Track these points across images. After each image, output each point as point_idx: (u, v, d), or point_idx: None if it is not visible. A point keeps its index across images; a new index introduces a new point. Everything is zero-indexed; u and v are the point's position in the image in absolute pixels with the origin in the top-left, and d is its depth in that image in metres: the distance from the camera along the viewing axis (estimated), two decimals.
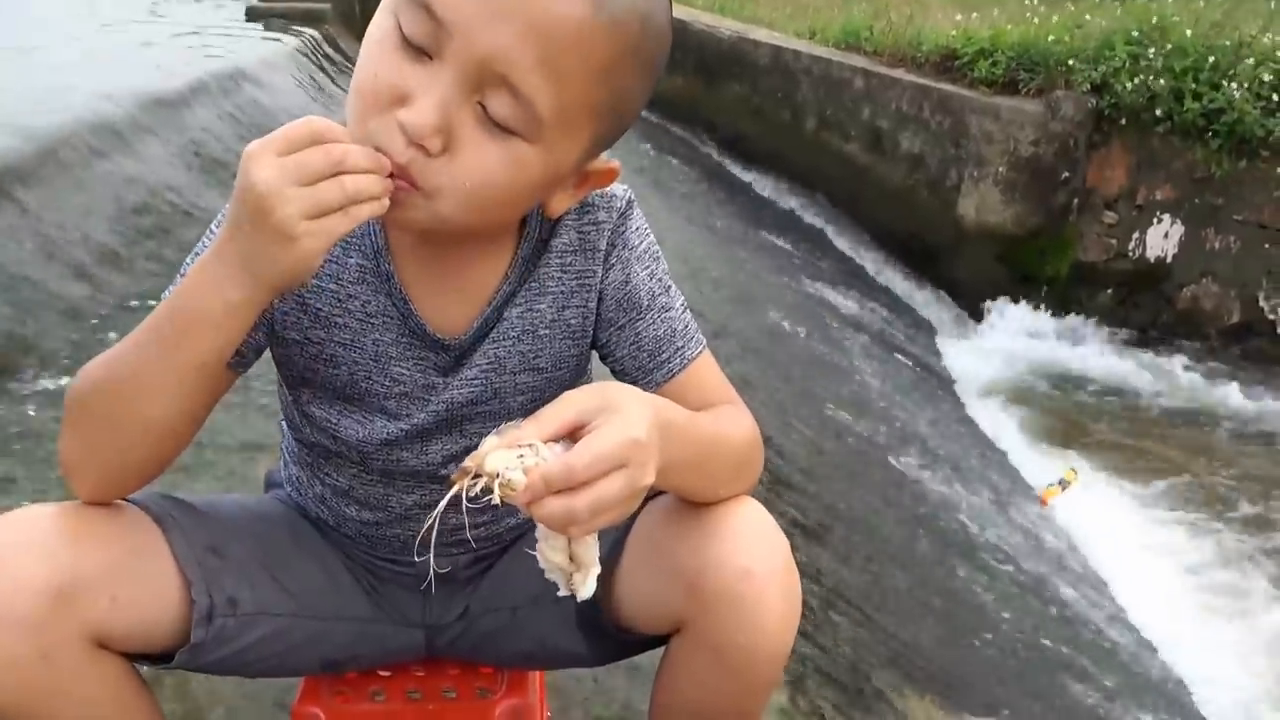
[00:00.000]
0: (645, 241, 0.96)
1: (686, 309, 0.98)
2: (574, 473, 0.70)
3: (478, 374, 0.93)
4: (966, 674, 2.22)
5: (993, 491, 3.88)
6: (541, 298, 0.93)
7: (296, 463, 1.04)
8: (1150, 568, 3.82)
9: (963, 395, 5.38)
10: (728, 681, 0.87)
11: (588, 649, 1.00)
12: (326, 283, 0.91)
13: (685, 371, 0.95)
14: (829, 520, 2.53)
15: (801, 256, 6.42)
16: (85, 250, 3.13)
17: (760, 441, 0.95)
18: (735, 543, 0.85)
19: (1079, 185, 6.30)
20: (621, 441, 0.72)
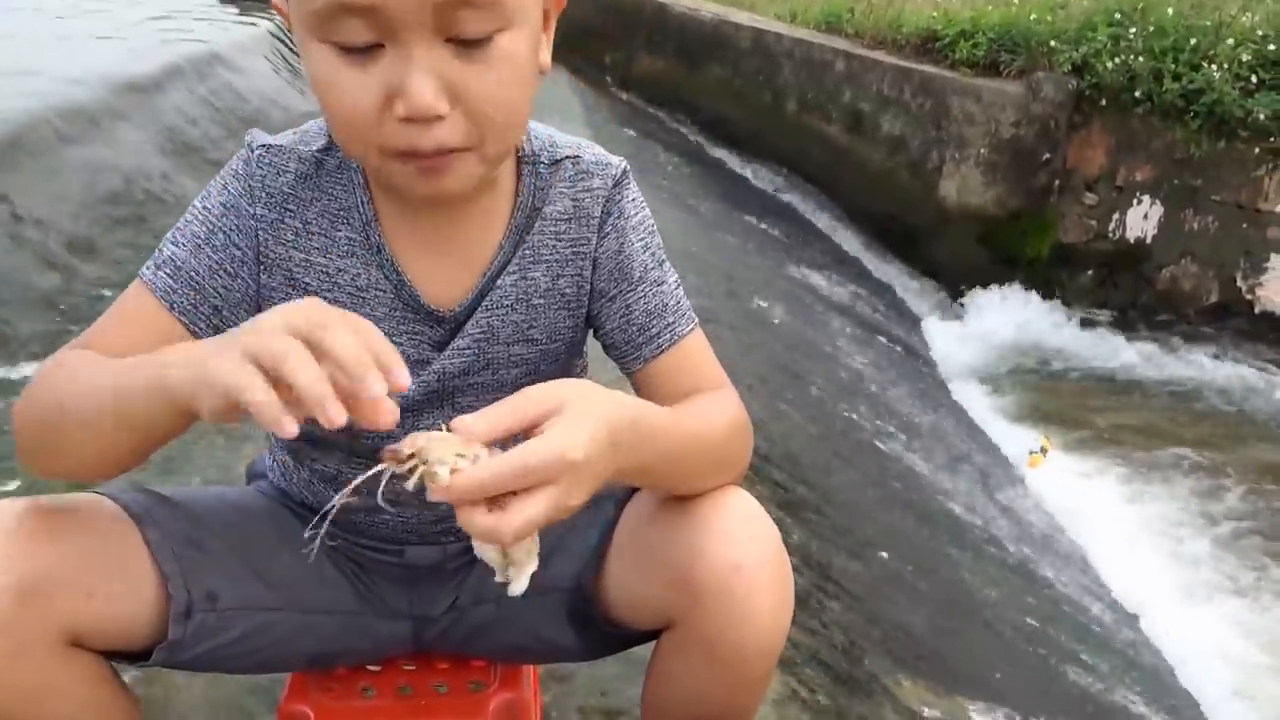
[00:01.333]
0: (641, 213, 0.96)
1: (680, 286, 0.97)
2: (497, 482, 0.68)
3: (470, 343, 0.92)
4: (956, 656, 2.23)
5: (977, 473, 3.89)
6: (536, 265, 0.92)
7: (282, 448, 1.02)
8: (1134, 546, 3.85)
9: (946, 377, 5.39)
10: (720, 676, 0.85)
11: (578, 643, 0.98)
12: (315, 257, 0.90)
13: (674, 348, 0.94)
14: (817, 503, 2.52)
15: (784, 239, 6.41)
16: (57, 238, 3.07)
17: (748, 427, 0.93)
18: (724, 536, 0.84)
19: (1059, 167, 6.31)
20: (553, 458, 0.69)
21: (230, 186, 0.89)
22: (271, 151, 0.90)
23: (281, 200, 0.89)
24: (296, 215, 0.89)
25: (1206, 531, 4.06)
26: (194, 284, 0.87)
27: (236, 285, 0.89)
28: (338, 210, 0.90)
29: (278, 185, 0.89)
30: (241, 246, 0.88)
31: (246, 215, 0.88)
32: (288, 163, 0.90)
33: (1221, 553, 3.91)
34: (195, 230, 0.88)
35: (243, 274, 0.89)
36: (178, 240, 0.88)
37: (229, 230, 0.88)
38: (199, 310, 0.87)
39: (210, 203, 0.89)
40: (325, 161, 0.90)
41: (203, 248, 0.87)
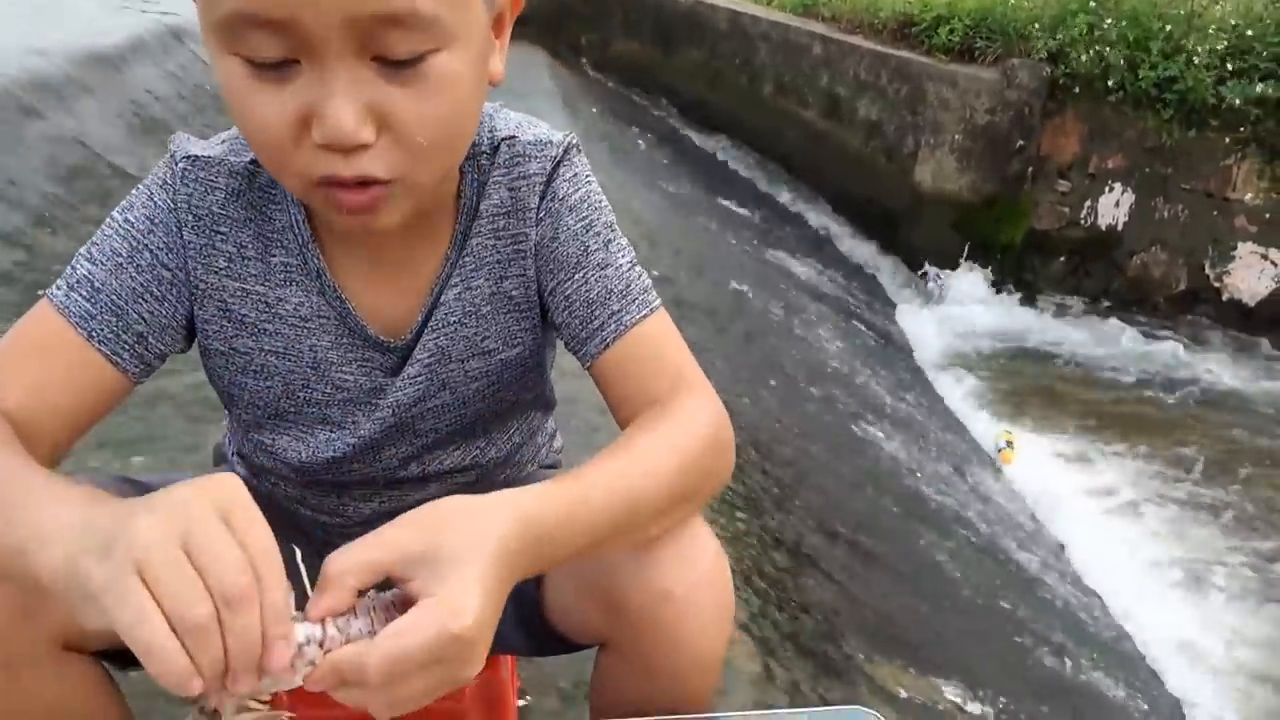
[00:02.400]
0: (581, 190, 0.84)
1: (635, 267, 0.84)
2: (367, 675, 0.57)
3: (420, 370, 0.85)
4: (931, 639, 2.24)
5: (951, 457, 3.92)
6: (477, 272, 0.84)
7: (244, 463, 0.97)
8: (1104, 531, 3.89)
9: (920, 362, 5.42)
10: (657, 694, 0.81)
11: (526, 643, 0.94)
12: (252, 285, 0.81)
13: (622, 340, 0.81)
14: (794, 486, 2.52)
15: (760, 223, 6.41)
16: (19, 212, 2.99)
17: (718, 439, 0.79)
18: (653, 563, 0.76)
19: (1033, 154, 6.34)
20: (437, 639, 0.57)
21: (156, 198, 0.79)
22: (199, 165, 0.80)
23: (212, 222, 0.80)
24: (229, 239, 0.80)
25: (1175, 515, 4.12)
26: (114, 308, 0.76)
27: (164, 310, 0.79)
28: (272, 232, 0.81)
29: (206, 205, 0.79)
30: (170, 267, 0.79)
31: (175, 233, 0.79)
32: (217, 178, 0.80)
33: (1190, 536, 3.97)
34: (115, 246, 0.78)
35: (170, 298, 0.79)
36: (94, 258, 0.77)
37: (155, 248, 0.78)
38: (120, 339, 0.77)
39: (133, 216, 0.79)
40: (258, 175, 0.80)
41: (125, 267, 0.77)
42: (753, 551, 1.92)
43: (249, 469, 0.96)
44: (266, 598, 0.54)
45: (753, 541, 1.96)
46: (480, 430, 0.92)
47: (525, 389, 0.93)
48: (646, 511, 0.73)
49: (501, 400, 0.90)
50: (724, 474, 0.81)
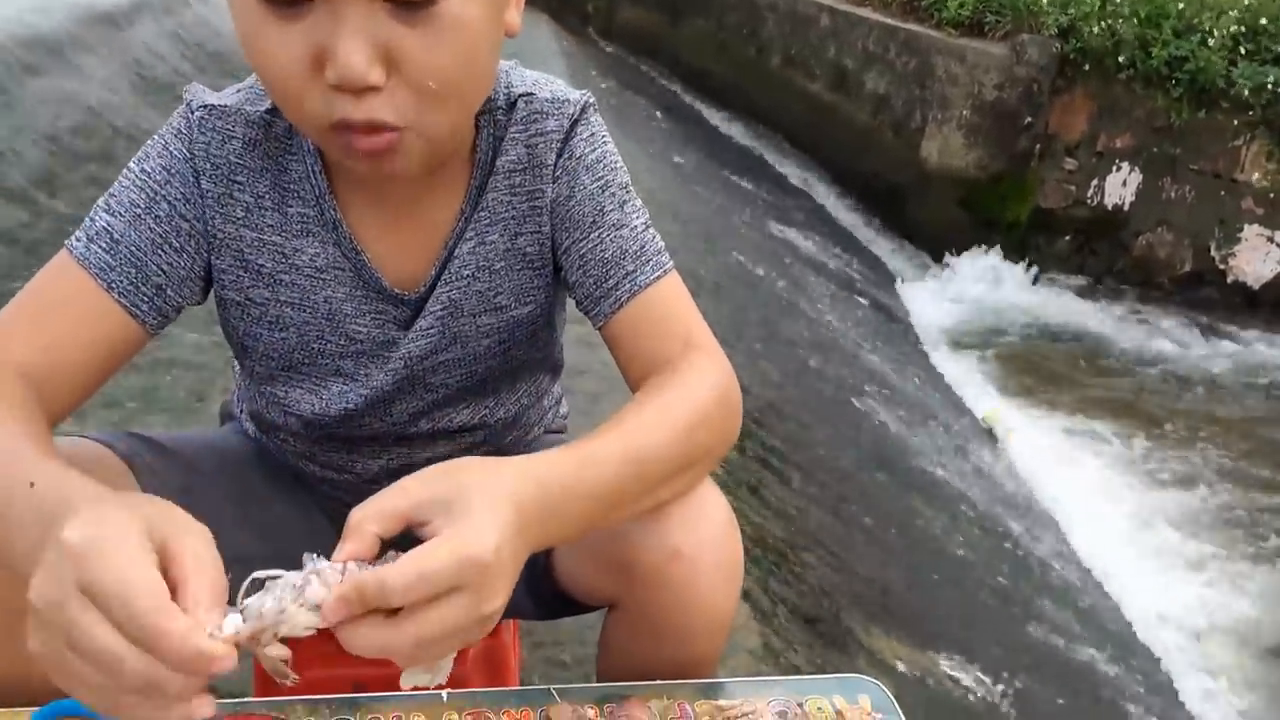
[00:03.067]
0: (598, 150, 0.84)
1: (649, 228, 0.84)
2: (388, 592, 0.55)
3: (433, 322, 0.85)
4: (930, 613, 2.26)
5: (951, 434, 3.93)
6: (492, 227, 0.84)
7: (253, 420, 0.97)
8: (1103, 509, 3.91)
9: (922, 339, 5.42)
10: (666, 655, 0.81)
11: (534, 608, 0.95)
12: (269, 235, 0.81)
13: (636, 301, 0.81)
14: (794, 459, 2.53)
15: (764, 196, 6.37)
16: (20, 172, 2.97)
17: (727, 399, 0.79)
18: (662, 523, 0.76)
19: (1041, 131, 6.29)
20: (457, 561, 0.56)
21: (172, 148, 0.79)
22: (215, 114, 0.79)
23: (229, 172, 0.79)
24: (246, 189, 0.80)
25: (1175, 496, 4.13)
26: (134, 260, 0.76)
27: (182, 261, 0.79)
28: (289, 183, 0.81)
29: (224, 154, 0.79)
30: (188, 218, 0.79)
31: (192, 184, 0.79)
32: (234, 128, 0.79)
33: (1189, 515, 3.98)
34: (134, 198, 0.77)
35: (189, 249, 0.79)
36: (113, 209, 0.77)
37: (173, 199, 0.78)
38: (139, 290, 0.77)
39: (150, 166, 0.79)
40: (274, 125, 0.80)
41: (143, 218, 0.77)
42: (752, 524, 1.93)
43: (258, 426, 0.96)
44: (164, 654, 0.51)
45: (752, 514, 1.96)
46: (490, 388, 0.92)
47: (535, 348, 0.93)
48: (657, 474, 0.73)
49: (512, 358, 0.90)
50: (732, 434, 0.81)
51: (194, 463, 0.90)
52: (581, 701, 0.77)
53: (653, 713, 0.74)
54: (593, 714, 0.76)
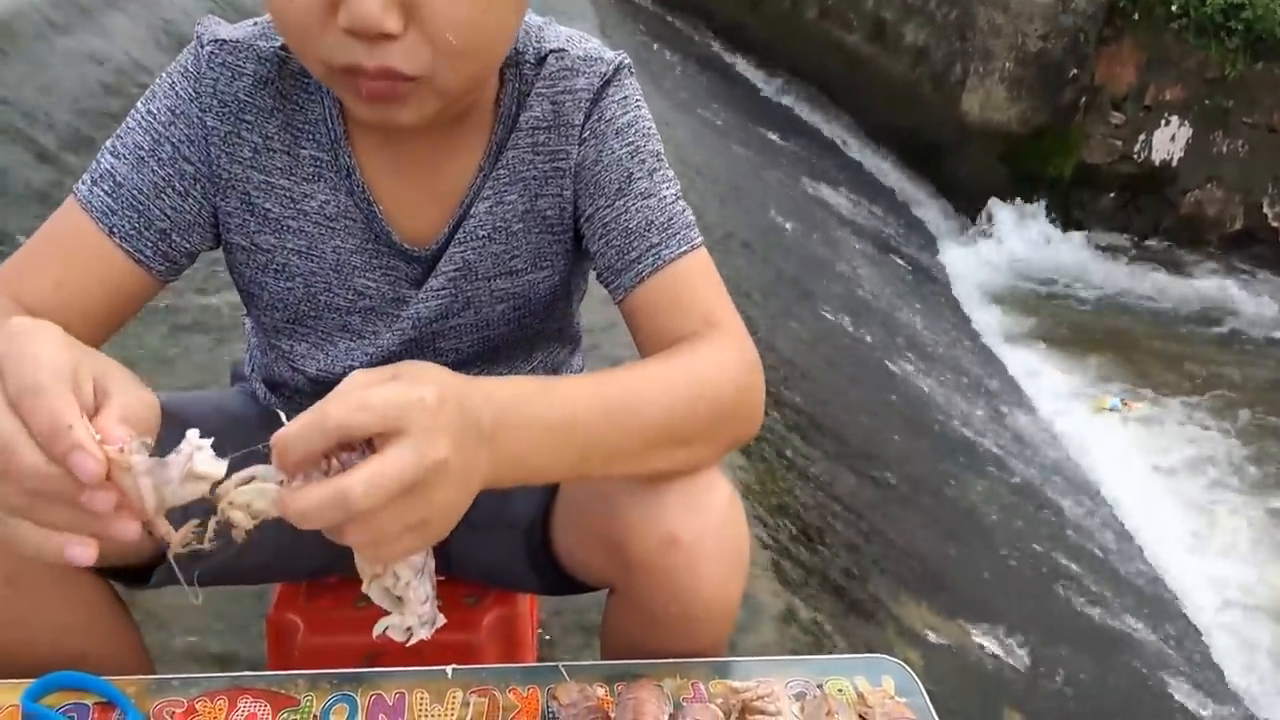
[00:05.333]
0: (630, 114, 0.80)
1: (679, 200, 0.80)
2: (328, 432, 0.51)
3: (444, 283, 0.81)
4: (961, 580, 2.21)
5: (989, 397, 3.85)
6: (511, 187, 0.80)
7: (263, 379, 0.95)
8: (1143, 474, 3.82)
9: (960, 298, 5.31)
10: (666, 642, 0.77)
11: (538, 582, 0.93)
12: (277, 178, 0.78)
13: (659, 275, 0.77)
14: (825, 422, 2.48)
15: (799, 153, 6.25)
16: (47, 131, 2.97)
17: (742, 383, 0.73)
18: (659, 506, 0.72)
19: (1087, 83, 6.10)
20: (394, 398, 0.52)
21: (179, 88, 0.76)
22: (225, 49, 0.76)
23: (237, 109, 0.76)
24: (255, 128, 0.76)
25: (1219, 463, 4.03)
26: (136, 204, 0.74)
27: (187, 206, 0.76)
28: (302, 123, 0.77)
29: (232, 91, 0.75)
30: (193, 160, 0.76)
31: (197, 124, 0.75)
32: (244, 63, 0.76)
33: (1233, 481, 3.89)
34: (137, 139, 0.75)
35: (194, 193, 0.76)
36: (117, 151, 0.75)
37: (177, 141, 0.75)
38: (143, 235, 0.75)
39: (155, 106, 0.76)
40: (289, 62, 0.76)
41: (146, 161, 0.75)
42: (780, 487, 1.89)
43: (267, 384, 0.94)
44: (33, 421, 0.49)
45: (781, 477, 1.93)
46: (502, 358, 0.89)
47: (551, 318, 0.90)
48: (642, 433, 0.68)
49: (526, 327, 0.87)
50: (746, 423, 0.75)
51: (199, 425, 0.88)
52: (591, 680, 0.74)
53: (664, 693, 0.71)
54: (602, 693, 0.73)
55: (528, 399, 0.62)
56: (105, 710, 0.69)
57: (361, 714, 0.71)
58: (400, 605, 0.59)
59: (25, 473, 0.48)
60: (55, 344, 0.52)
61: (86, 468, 0.48)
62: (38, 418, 0.48)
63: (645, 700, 0.68)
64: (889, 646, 1.61)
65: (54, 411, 0.49)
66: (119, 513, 0.51)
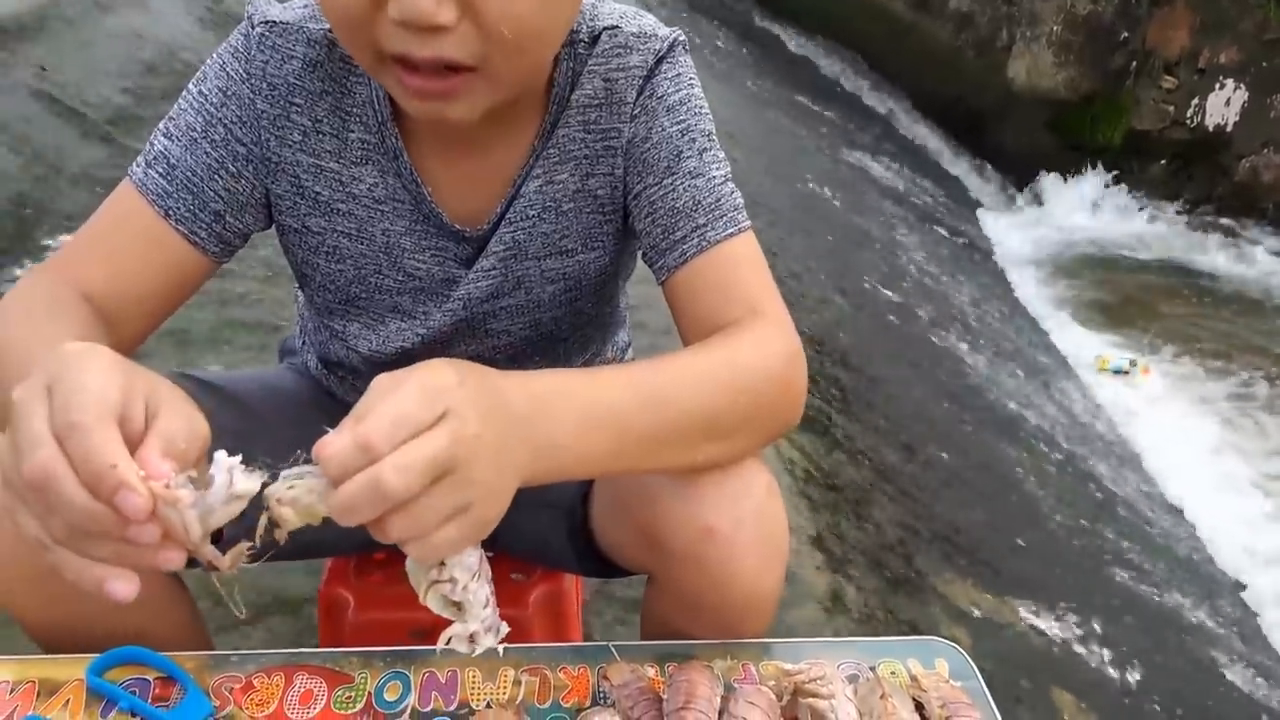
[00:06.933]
0: (682, 92, 0.79)
1: (728, 181, 0.78)
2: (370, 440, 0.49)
3: (495, 263, 0.80)
4: (1007, 557, 2.19)
5: (1035, 369, 3.79)
6: (562, 166, 0.79)
7: (317, 355, 0.95)
8: (1193, 448, 3.74)
9: (1005, 269, 5.22)
10: (706, 629, 0.77)
11: (578, 565, 0.93)
12: (327, 161, 0.78)
13: (703, 257, 0.75)
14: (868, 396, 2.45)
15: (840, 122, 6.15)
16: (95, 110, 3.01)
17: (784, 375, 0.71)
18: (695, 496, 0.71)
19: (1138, 47, 5.93)
20: (424, 390, 0.52)
21: (230, 69, 0.76)
22: (276, 30, 0.76)
23: (286, 93, 0.76)
24: (304, 112, 0.76)
25: (1269, 434, 3.93)
26: (190, 186, 0.74)
27: (240, 187, 0.76)
28: (351, 107, 0.77)
29: (282, 75, 0.75)
30: (245, 142, 0.76)
31: (248, 105, 0.75)
32: (294, 46, 0.76)
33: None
34: (190, 120, 0.75)
35: (246, 174, 0.77)
36: (171, 133, 0.75)
37: (229, 122, 0.75)
38: (198, 217, 0.75)
39: (207, 88, 0.76)
40: (338, 45, 0.75)
41: (199, 142, 0.75)
42: (824, 463, 1.88)
43: (321, 362, 0.95)
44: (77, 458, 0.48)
45: (824, 453, 1.91)
46: (551, 340, 0.89)
47: (601, 300, 0.89)
48: (681, 425, 0.66)
49: (576, 309, 0.87)
50: (787, 414, 0.73)
51: (249, 406, 0.89)
52: (641, 660, 0.74)
53: (715, 674, 0.71)
54: (652, 672, 0.73)
55: (564, 389, 0.62)
56: (166, 685, 0.70)
57: (414, 692, 0.71)
58: (460, 613, 0.58)
59: (70, 508, 0.48)
60: (104, 373, 0.51)
61: (133, 505, 0.48)
62: (81, 455, 0.48)
63: (698, 682, 0.68)
64: (934, 624, 1.60)
65: (98, 450, 0.48)
66: (164, 543, 0.50)
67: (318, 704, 0.70)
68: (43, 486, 0.47)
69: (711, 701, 0.67)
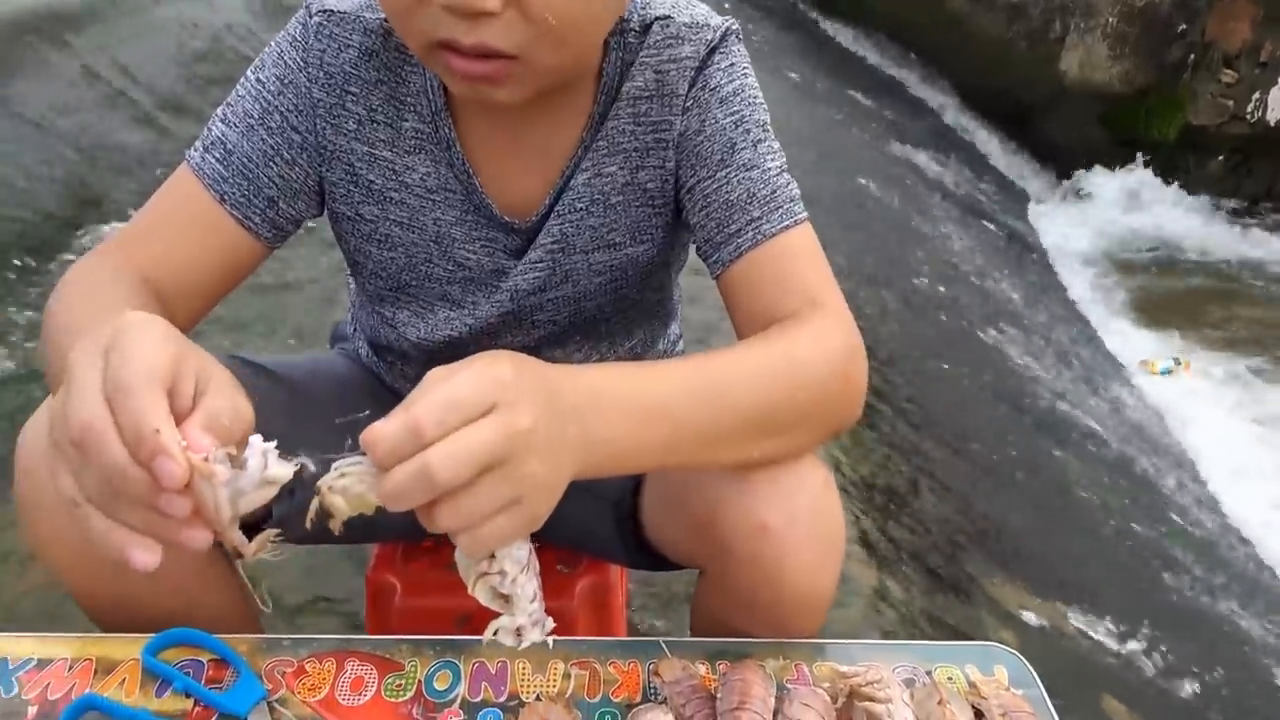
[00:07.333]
0: (736, 82, 0.77)
1: (784, 173, 0.77)
2: (419, 423, 0.50)
3: (542, 255, 0.80)
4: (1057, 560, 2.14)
5: (1084, 368, 3.71)
6: (611, 158, 0.78)
7: (368, 341, 0.96)
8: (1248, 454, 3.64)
9: (1055, 267, 5.12)
10: (758, 627, 0.76)
11: (626, 557, 0.92)
12: (380, 149, 0.79)
13: (759, 250, 0.74)
14: (914, 393, 2.42)
15: (887, 115, 6.08)
16: (149, 97, 3.06)
17: (844, 370, 0.70)
18: (749, 491, 0.70)
19: (1197, 39, 5.78)
20: (478, 380, 0.51)
21: (287, 57, 0.77)
22: (333, 20, 0.77)
23: (342, 81, 0.77)
24: (359, 100, 0.77)
25: None
26: (246, 172, 0.76)
27: (294, 174, 0.78)
28: (405, 96, 0.78)
29: (338, 64, 0.76)
30: (300, 130, 0.77)
31: (305, 94, 0.77)
32: (351, 35, 0.77)
33: None
34: (248, 108, 0.77)
35: (301, 161, 0.78)
36: (228, 119, 0.77)
37: (286, 110, 0.77)
38: (252, 203, 0.76)
39: (264, 75, 0.77)
40: (394, 34, 0.76)
41: (256, 129, 0.76)
42: (870, 462, 1.85)
43: (372, 348, 0.95)
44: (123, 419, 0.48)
45: (868, 453, 1.89)
46: (598, 330, 0.88)
47: (649, 290, 0.88)
48: (737, 419, 0.65)
49: (623, 299, 0.86)
50: (846, 411, 0.72)
51: (299, 386, 0.90)
52: (691, 656, 0.73)
53: (768, 674, 0.69)
54: (704, 670, 0.71)
55: (617, 381, 0.61)
56: (219, 667, 0.71)
57: (464, 681, 0.71)
58: (508, 605, 0.58)
59: (108, 468, 0.48)
60: (159, 343, 0.51)
61: (169, 472, 0.48)
62: (126, 417, 0.48)
63: (752, 682, 0.67)
64: (982, 627, 1.57)
65: (143, 413, 0.48)
66: (192, 520, 0.51)
67: (368, 691, 0.70)
68: (85, 443, 0.48)
69: (766, 702, 0.65)
